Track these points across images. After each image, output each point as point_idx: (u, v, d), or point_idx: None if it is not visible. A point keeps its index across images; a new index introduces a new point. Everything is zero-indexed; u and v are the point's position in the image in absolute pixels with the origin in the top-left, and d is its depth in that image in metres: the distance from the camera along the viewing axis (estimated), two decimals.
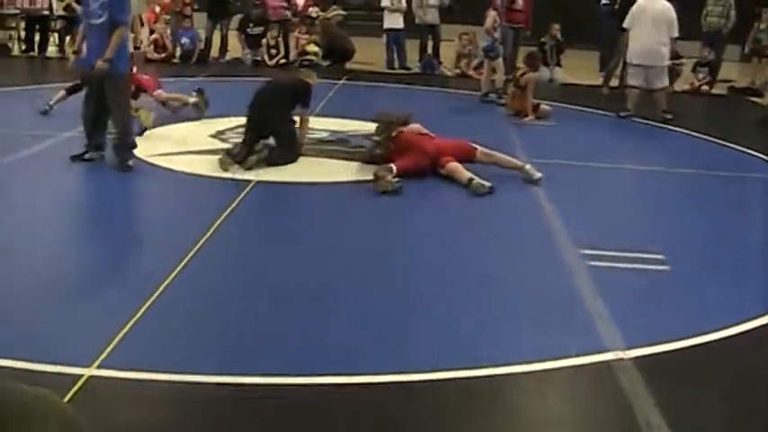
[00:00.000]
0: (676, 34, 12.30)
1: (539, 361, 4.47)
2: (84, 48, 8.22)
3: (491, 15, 13.27)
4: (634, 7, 12.42)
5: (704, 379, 4.55)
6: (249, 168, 8.16)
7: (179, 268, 5.49)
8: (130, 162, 7.96)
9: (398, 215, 7.28)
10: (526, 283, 5.76)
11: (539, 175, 8.09)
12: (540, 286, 5.67)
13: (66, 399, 3.82)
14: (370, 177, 7.81)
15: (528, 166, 8.18)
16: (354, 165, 8.57)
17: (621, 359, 4.56)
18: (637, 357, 4.58)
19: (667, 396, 4.22)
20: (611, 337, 4.82)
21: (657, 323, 5.11)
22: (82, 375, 4.03)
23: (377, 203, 7.46)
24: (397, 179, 7.65)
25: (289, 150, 8.68)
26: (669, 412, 4.04)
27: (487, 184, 7.77)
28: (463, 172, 7.96)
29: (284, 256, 6.12)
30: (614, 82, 15.02)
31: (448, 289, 5.61)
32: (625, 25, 12.50)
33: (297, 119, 8.94)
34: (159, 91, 10.53)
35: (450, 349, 4.65)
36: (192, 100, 10.60)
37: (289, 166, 8.41)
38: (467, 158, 8.23)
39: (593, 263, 6.04)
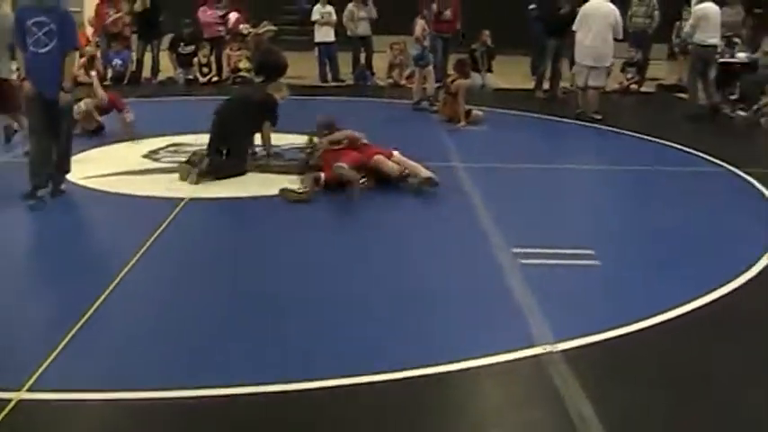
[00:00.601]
0: (620, 36, 12.74)
1: (471, 358, 4.55)
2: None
3: (420, 24, 13.42)
4: (581, 11, 12.78)
5: (631, 368, 4.65)
6: (195, 183, 8.29)
7: (111, 288, 5.48)
8: (63, 186, 7.88)
9: (332, 223, 7.32)
10: (459, 283, 5.83)
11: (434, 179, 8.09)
12: (473, 286, 5.76)
13: None
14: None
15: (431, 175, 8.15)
16: (289, 178, 8.58)
17: (551, 353, 4.66)
18: (566, 350, 4.69)
19: (597, 387, 4.33)
20: (541, 332, 4.92)
21: (586, 317, 5.23)
22: (11, 400, 4.00)
23: (311, 214, 7.48)
24: (303, 188, 7.75)
25: (238, 163, 8.82)
26: (600, 403, 4.14)
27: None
28: (392, 165, 8.08)
29: (217, 271, 6.11)
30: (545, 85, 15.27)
31: (382, 291, 5.68)
32: (573, 28, 12.86)
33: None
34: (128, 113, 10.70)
35: (383, 350, 4.71)
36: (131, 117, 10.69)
37: (224, 181, 8.42)
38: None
39: (525, 261, 6.14)
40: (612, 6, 12.62)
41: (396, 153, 8.44)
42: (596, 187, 9.02)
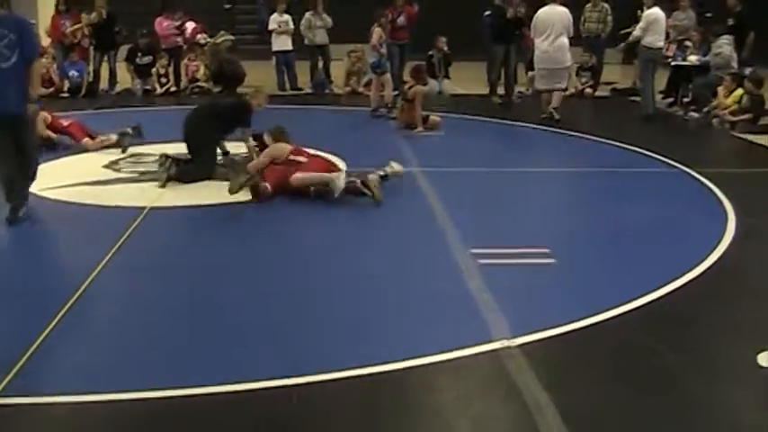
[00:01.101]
0: (571, 34, 13.20)
1: (429, 355, 4.67)
2: None
3: (377, 32, 13.57)
4: (535, 17, 13.14)
5: (587, 360, 4.80)
6: (163, 186, 8.55)
7: (76, 297, 5.53)
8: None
9: (290, 227, 7.42)
10: (418, 283, 5.96)
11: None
12: (432, 285, 5.88)
13: None
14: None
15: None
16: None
17: (509, 347, 4.79)
18: (523, 344, 4.83)
19: (554, 377, 4.47)
20: (499, 328, 5.06)
21: (543, 311, 5.37)
22: None
23: (269, 219, 7.58)
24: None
25: (202, 166, 8.91)
26: (556, 392, 4.28)
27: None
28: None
29: (180, 277, 6.18)
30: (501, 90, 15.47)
31: (343, 292, 5.82)
32: (532, 35, 13.25)
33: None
34: (86, 140, 10.58)
35: (342, 349, 4.83)
36: (114, 138, 10.65)
37: (187, 189, 8.53)
38: None
39: (482, 261, 6.28)
40: (564, 8, 13.06)
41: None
42: (552, 189, 9.19)
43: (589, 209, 8.38)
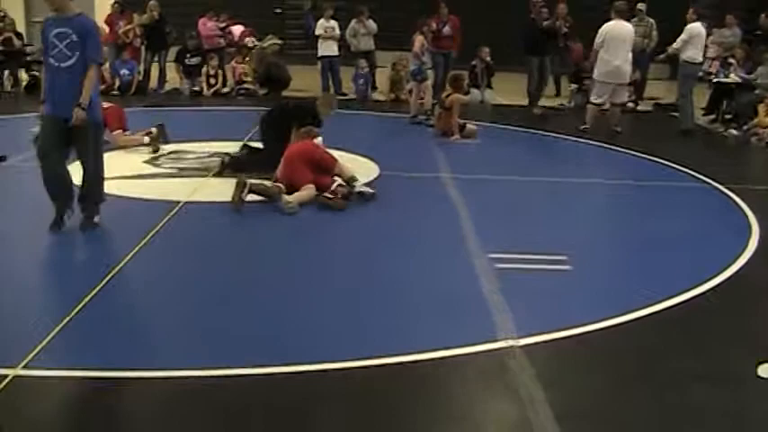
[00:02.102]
0: None
1: (433, 350, 4.86)
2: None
3: (419, 40, 13.79)
4: (605, 32, 13.23)
5: (587, 362, 4.96)
6: (218, 175, 9.14)
7: (106, 280, 5.80)
8: (96, 219, 7.26)
9: (317, 228, 7.65)
10: (434, 284, 6.13)
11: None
12: (447, 287, 6.06)
13: None
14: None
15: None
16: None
17: (513, 347, 4.96)
18: (527, 345, 5.00)
19: (551, 376, 4.64)
20: (505, 328, 5.23)
21: (551, 314, 5.52)
22: (7, 375, 4.32)
23: (298, 218, 7.79)
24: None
25: (267, 164, 9.03)
26: (551, 389, 4.45)
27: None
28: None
29: (207, 267, 6.43)
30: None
31: (361, 289, 6.03)
32: (595, 47, 13.35)
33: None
34: (118, 132, 10.76)
35: (356, 341, 5.05)
36: (146, 140, 10.85)
37: (223, 185, 8.75)
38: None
39: (499, 265, 6.44)
40: (630, 26, 13.54)
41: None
42: (579, 199, 9.30)
43: (611, 219, 8.53)
